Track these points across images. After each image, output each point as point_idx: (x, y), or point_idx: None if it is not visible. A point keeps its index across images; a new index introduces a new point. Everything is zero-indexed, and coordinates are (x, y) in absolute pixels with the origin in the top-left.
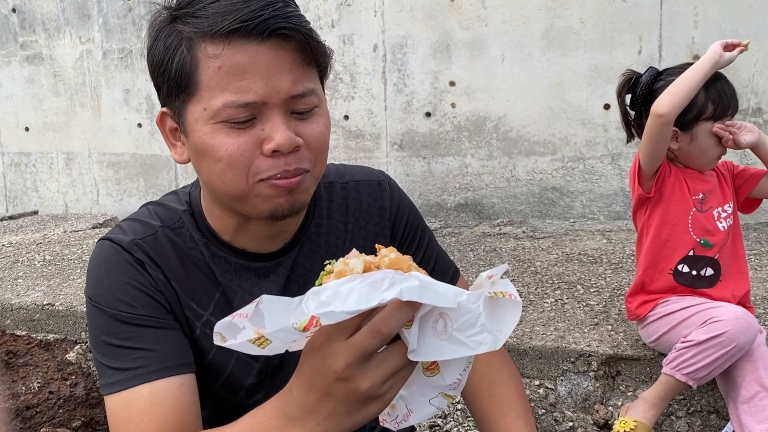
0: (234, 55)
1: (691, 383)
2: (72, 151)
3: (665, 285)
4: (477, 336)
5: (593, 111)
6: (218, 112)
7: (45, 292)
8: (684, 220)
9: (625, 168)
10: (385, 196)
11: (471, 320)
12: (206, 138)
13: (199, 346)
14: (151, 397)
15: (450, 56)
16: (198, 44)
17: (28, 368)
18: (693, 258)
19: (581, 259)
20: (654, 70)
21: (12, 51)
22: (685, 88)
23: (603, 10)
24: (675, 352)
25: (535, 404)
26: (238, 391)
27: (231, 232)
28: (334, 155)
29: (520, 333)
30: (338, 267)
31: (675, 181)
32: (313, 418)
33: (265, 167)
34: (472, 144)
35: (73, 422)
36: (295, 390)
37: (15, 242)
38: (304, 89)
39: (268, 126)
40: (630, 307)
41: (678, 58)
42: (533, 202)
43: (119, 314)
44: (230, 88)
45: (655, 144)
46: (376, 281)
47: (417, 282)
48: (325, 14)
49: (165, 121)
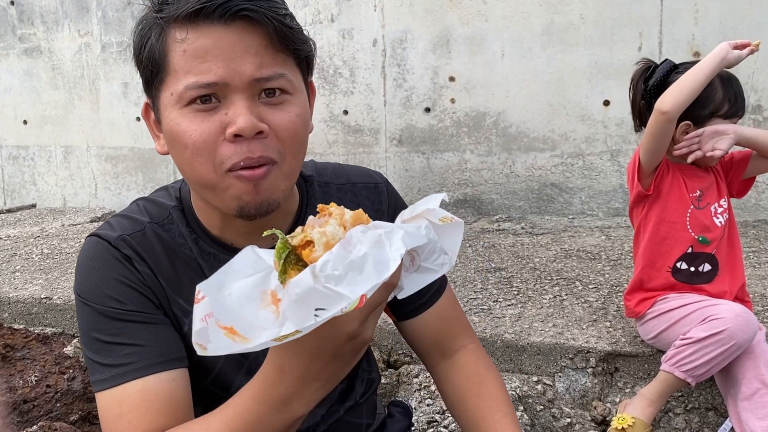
0: (198, 39)
1: (689, 380)
2: (70, 145)
3: (663, 282)
4: (438, 260)
5: (593, 107)
6: (182, 95)
7: (43, 285)
8: (682, 217)
9: (625, 165)
10: (382, 198)
11: (432, 248)
12: (173, 124)
13: (188, 343)
14: (143, 393)
15: (450, 51)
16: (167, 31)
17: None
18: (691, 255)
19: (580, 255)
20: (670, 62)
21: (10, 44)
22: (690, 85)
23: (603, 6)
24: (674, 349)
25: (533, 400)
26: (228, 388)
27: (218, 226)
28: (333, 150)
29: (518, 329)
30: (320, 238)
31: (673, 179)
32: (314, 384)
33: (228, 154)
34: (472, 140)
35: (70, 416)
36: (288, 368)
37: (13, 236)
38: (270, 73)
39: (231, 110)
40: (629, 304)
41: (678, 55)
42: (532, 198)
43: (108, 310)
44: (193, 70)
45: (656, 140)
46: (377, 241)
47: (402, 230)
48: (324, 8)
49: (149, 113)
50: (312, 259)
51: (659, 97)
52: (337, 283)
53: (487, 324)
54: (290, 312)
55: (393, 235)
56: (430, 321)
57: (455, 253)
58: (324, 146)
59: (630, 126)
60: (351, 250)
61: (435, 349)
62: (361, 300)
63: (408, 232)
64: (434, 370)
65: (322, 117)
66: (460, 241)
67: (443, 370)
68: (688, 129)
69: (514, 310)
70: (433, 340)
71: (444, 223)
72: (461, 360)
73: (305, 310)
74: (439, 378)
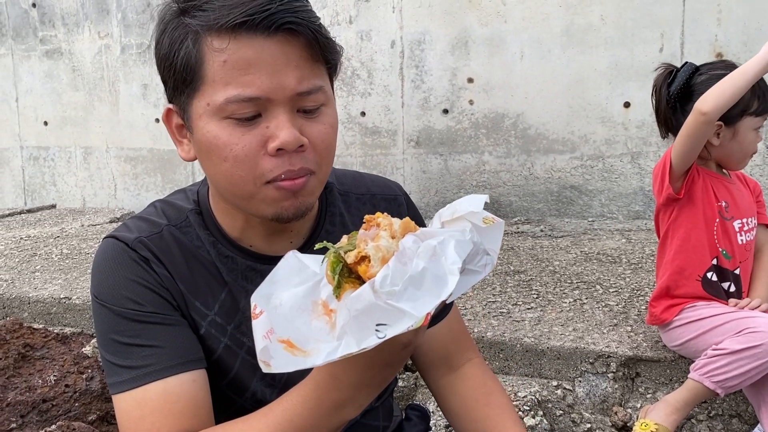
0: (239, 50)
1: (719, 392)
2: (90, 146)
3: (692, 291)
4: (481, 261)
5: (613, 109)
6: (222, 107)
7: (62, 285)
8: (711, 225)
9: (645, 167)
10: (402, 211)
11: (475, 250)
12: (210, 136)
13: (204, 345)
14: (164, 395)
15: (468, 53)
16: (204, 38)
17: (44, 361)
18: (718, 268)
19: (600, 258)
20: (691, 65)
21: (32, 46)
22: (732, 87)
23: (624, 7)
24: (705, 358)
25: (553, 405)
26: (244, 391)
27: (238, 228)
28: (351, 152)
29: (538, 333)
30: (375, 254)
31: (703, 185)
32: (366, 391)
33: (269, 167)
34: (490, 141)
35: (88, 416)
36: (342, 375)
37: (33, 236)
38: (310, 86)
39: (273, 123)
40: (654, 311)
41: (700, 56)
42: (551, 200)
43: (126, 312)
44: (234, 82)
45: (692, 142)
46: (433, 255)
47: (453, 240)
48: (343, 10)
49: (171, 118)
50: (370, 275)
51: (684, 100)
52: (398, 299)
53: (506, 328)
54: (351, 328)
55: (446, 246)
56: (440, 334)
57: (496, 253)
58: (341, 148)
59: (651, 128)
60: (406, 262)
61: (443, 362)
62: (426, 318)
63: (458, 240)
64: (438, 383)
65: (339, 118)
66: (500, 240)
67: (449, 383)
68: (719, 129)
69: (534, 313)
70: (442, 352)
71: (486, 225)
72: (468, 372)
73: (367, 325)
74: (443, 391)
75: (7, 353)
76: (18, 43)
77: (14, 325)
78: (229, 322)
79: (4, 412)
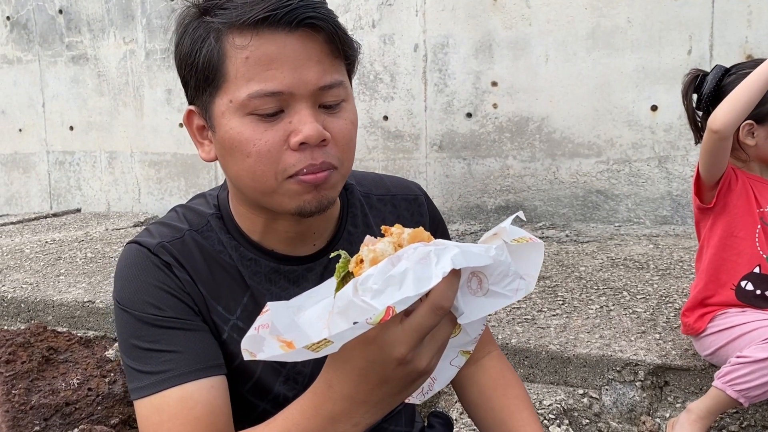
0: (262, 46)
1: (742, 401)
2: (115, 150)
3: (725, 300)
4: (512, 284)
5: (640, 112)
6: (244, 103)
7: (86, 289)
8: (751, 232)
9: (673, 171)
10: (422, 211)
11: (504, 271)
12: (233, 132)
13: (227, 350)
14: (182, 401)
15: (492, 56)
16: (226, 35)
17: (68, 365)
18: (758, 276)
19: (627, 264)
20: (721, 67)
21: (58, 51)
22: (743, 100)
23: (651, 9)
24: (729, 366)
25: (579, 414)
26: (266, 395)
27: (259, 231)
28: (373, 156)
29: (563, 340)
30: (367, 255)
31: (742, 191)
32: (362, 407)
33: (292, 162)
34: (514, 145)
35: (111, 419)
36: (336, 385)
37: (58, 239)
38: (332, 80)
39: (296, 118)
40: (687, 321)
41: (730, 59)
42: (577, 205)
43: (147, 317)
44: (257, 78)
45: (712, 158)
46: (423, 257)
47: (457, 249)
48: (366, 14)
49: (192, 119)
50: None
51: (716, 104)
52: (373, 297)
53: (531, 334)
54: (332, 324)
55: (443, 253)
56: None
57: (534, 278)
58: (364, 152)
59: (678, 132)
60: (395, 264)
61: None
62: (387, 312)
63: (464, 251)
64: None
65: (362, 123)
66: (539, 264)
67: (468, 373)
68: (752, 129)
69: (560, 320)
70: None
71: (519, 244)
72: (487, 363)
73: (344, 322)
74: (463, 381)
75: (31, 356)
76: (45, 49)
77: (38, 328)
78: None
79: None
